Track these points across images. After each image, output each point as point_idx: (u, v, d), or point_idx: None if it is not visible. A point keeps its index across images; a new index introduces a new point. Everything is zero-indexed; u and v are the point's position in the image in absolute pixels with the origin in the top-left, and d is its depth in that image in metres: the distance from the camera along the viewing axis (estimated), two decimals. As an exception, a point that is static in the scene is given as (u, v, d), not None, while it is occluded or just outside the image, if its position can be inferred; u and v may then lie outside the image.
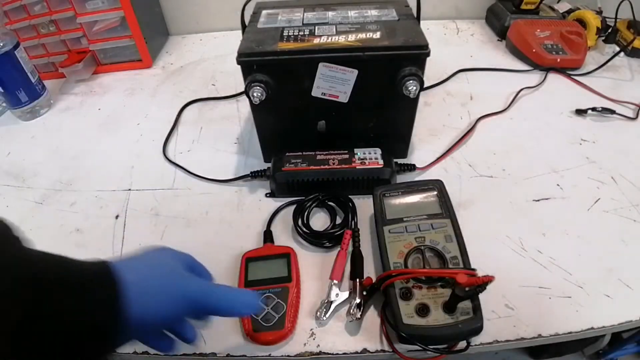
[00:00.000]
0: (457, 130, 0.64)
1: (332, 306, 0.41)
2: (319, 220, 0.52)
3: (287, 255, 0.45)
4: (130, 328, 0.26)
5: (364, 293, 0.41)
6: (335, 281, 0.43)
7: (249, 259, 0.45)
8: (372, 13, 0.54)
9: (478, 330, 0.36)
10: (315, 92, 0.49)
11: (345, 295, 0.42)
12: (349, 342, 0.40)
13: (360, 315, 0.40)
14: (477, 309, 0.36)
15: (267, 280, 0.43)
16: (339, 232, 0.48)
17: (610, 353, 0.81)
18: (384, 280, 0.39)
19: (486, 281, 0.32)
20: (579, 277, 0.44)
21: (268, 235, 0.49)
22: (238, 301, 0.34)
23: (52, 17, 0.77)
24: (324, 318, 0.41)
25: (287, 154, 0.54)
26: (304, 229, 0.49)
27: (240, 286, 0.42)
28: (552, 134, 0.63)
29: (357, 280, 0.42)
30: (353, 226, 0.49)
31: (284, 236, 0.50)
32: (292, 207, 0.52)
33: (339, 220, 0.51)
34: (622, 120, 0.65)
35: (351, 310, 0.40)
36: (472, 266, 0.39)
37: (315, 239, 0.48)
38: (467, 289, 0.33)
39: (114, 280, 0.26)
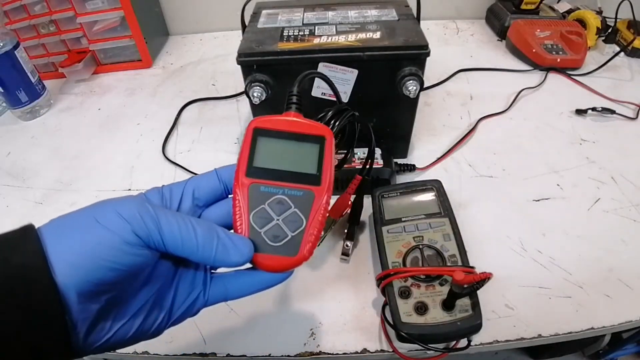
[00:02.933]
0: (457, 130, 0.64)
1: (323, 239, 0.47)
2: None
3: (321, 140, 0.28)
4: (61, 279, 0.20)
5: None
6: (331, 218, 0.47)
7: (258, 131, 0.28)
8: (372, 13, 0.54)
9: (477, 327, 0.36)
10: (315, 92, 0.49)
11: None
12: (349, 342, 0.40)
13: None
14: (475, 306, 0.36)
15: (284, 174, 0.27)
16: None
17: (610, 353, 0.81)
18: (382, 279, 0.39)
19: (484, 278, 0.32)
20: (579, 277, 0.44)
21: (294, 100, 0.30)
22: (205, 242, 0.24)
23: (52, 17, 0.77)
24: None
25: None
26: None
27: (239, 174, 0.27)
28: (552, 134, 0.63)
29: (355, 226, 0.47)
30: (365, 173, 0.44)
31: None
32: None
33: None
34: (622, 120, 0.65)
35: (346, 252, 0.46)
36: (472, 266, 0.39)
37: None
38: (465, 286, 0.33)
39: (28, 227, 0.22)
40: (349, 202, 0.47)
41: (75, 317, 0.21)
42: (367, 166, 0.44)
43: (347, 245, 0.46)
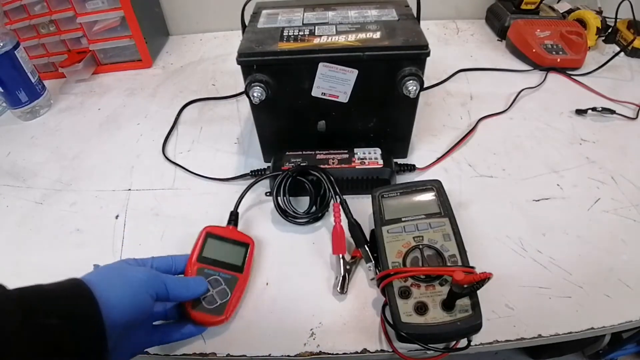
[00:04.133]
0: (457, 130, 0.64)
1: (348, 278, 0.44)
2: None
3: (246, 245, 0.45)
4: (110, 318, 0.30)
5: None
6: (341, 255, 0.45)
7: (210, 235, 0.44)
8: (372, 13, 0.54)
9: (477, 327, 0.36)
10: (315, 92, 0.49)
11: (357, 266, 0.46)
12: (349, 342, 0.40)
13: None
14: (475, 306, 0.36)
15: (220, 263, 0.42)
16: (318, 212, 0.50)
17: (610, 353, 0.81)
18: (382, 279, 0.39)
19: (484, 278, 0.32)
20: (579, 277, 0.44)
21: (233, 217, 0.48)
22: (189, 286, 0.38)
23: (52, 17, 0.77)
24: (345, 292, 0.43)
25: (287, 153, 0.54)
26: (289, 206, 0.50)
27: (192, 259, 0.41)
28: (552, 134, 0.63)
29: (365, 246, 0.45)
30: (338, 199, 0.48)
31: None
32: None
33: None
34: (622, 120, 0.65)
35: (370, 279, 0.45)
36: (472, 266, 0.39)
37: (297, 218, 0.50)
38: (465, 286, 0.33)
39: (84, 284, 0.31)
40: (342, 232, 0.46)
41: (113, 343, 0.30)
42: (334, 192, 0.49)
43: (370, 268, 0.44)
